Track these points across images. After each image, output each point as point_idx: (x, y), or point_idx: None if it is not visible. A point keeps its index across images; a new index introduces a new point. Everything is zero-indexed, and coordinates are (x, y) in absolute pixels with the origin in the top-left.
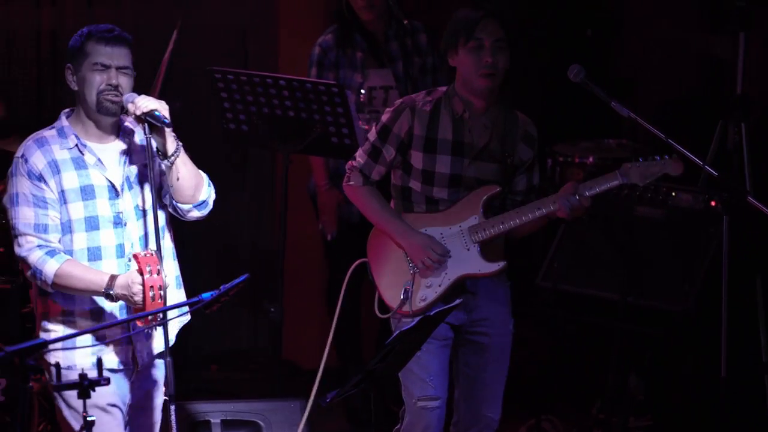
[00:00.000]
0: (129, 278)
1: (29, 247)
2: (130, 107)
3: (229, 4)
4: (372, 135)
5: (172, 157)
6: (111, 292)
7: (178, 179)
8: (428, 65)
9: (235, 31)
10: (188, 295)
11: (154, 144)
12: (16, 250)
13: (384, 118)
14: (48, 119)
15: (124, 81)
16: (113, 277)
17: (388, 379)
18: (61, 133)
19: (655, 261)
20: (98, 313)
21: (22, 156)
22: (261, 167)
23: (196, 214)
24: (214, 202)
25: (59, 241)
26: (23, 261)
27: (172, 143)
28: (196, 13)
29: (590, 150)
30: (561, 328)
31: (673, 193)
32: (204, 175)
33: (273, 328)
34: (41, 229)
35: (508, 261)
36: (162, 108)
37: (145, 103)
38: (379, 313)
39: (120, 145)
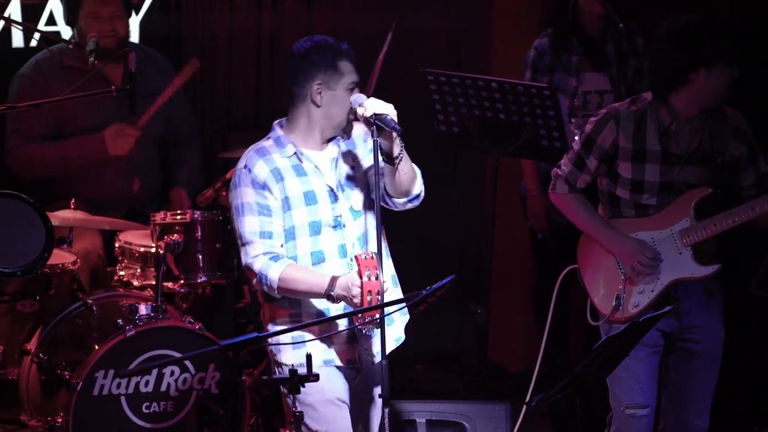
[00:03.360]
0: (349, 280)
1: (254, 254)
2: (359, 110)
3: (444, 8)
4: (576, 144)
5: (397, 160)
6: (332, 293)
7: (398, 178)
8: (644, 69)
9: (448, 34)
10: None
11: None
12: (243, 258)
13: (588, 128)
14: (264, 119)
15: None
16: (334, 278)
17: (595, 384)
18: (278, 143)
19: None
20: (322, 316)
21: (245, 166)
22: (470, 169)
23: (409, 205)
24: (424, 203)
25: (282, 247)
26: (248, 269)
27: (397, 146)
28: (411, 16)
29: None
30: None
31: None
32: (417, 169)
33: (479, 330)
34: (266, 236)
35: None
36: (391, 112)
37: (375, 106)
38: (591, 320)
39: (332, 151)
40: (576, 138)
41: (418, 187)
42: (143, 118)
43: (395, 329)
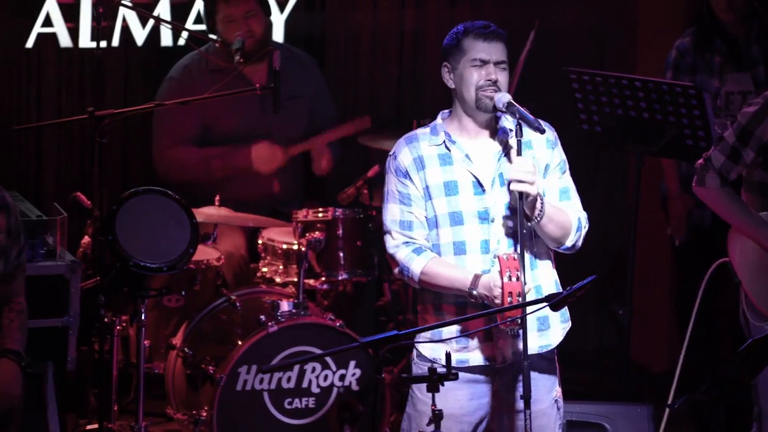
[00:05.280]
0: (491, 280)
1: (396, 244)
2: (501, 109)
3: (587, 6)
4: (730, 136)
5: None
6: (474, 291)
7: (544, 230)
8: None
9: (592, 32)
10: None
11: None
12: (386, 246)
13: (743, 119)
14: (406, 118)
15: (502, 76)
16: (477, 277)
17: (739, 387)
18: (433, 131)
19: None
20: (462, 308)
21: (392, 153)
22: (613, 168)
23: (562, 250)
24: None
25: (426, 237)
26: (392, 258)
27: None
28: (554, 14)
29: None
30: None
31: None
32: (572, 219)
33: (621, 330)
34: (405, 225)
35: None
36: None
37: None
38: (750, 318)
39: (494, 143)
40: (729, 130)
41: (571, 240)
42: (296, 148)
43: (551, 334)
